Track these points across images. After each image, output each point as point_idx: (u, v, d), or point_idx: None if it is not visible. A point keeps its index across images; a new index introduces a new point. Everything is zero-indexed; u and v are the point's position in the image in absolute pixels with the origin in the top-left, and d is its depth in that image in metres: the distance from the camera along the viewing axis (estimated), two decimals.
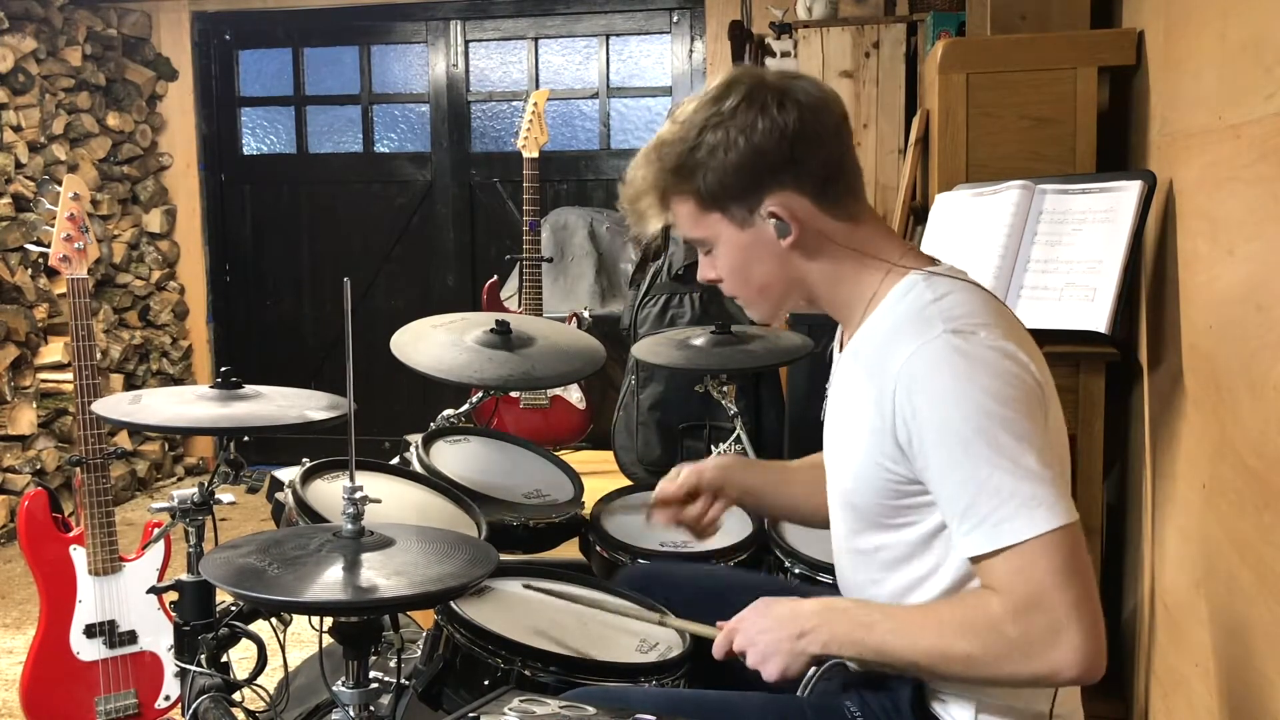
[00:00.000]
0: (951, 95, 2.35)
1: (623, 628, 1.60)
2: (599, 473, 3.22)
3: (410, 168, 5.25)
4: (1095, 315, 1.96)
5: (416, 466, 2.05)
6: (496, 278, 4.17)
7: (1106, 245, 1.99)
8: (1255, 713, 1.44)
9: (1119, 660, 2.31)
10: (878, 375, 1.24)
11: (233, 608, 1.77)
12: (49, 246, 2.58)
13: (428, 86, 5.20)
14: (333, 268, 5.34)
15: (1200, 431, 1.71)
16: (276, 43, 5.30)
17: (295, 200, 5.38)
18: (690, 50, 4.91)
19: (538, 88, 4.96)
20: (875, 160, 3.78)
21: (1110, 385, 2.07)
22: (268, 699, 1.77)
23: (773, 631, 1.30)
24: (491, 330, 2.20)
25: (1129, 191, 2.00)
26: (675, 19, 4.92)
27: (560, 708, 1.15)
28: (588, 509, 2.15)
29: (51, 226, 2.58)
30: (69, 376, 3.99)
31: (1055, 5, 2.48)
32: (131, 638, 2.54)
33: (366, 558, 1.28)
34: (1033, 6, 2.49)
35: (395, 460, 2.11)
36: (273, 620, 1.72)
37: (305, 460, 1.89)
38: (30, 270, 4.34)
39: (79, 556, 2.51)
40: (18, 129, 4.38)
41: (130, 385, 4.93)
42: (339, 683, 1.35)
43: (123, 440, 4.75)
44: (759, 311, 1.40)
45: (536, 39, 5.08)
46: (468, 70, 5.16)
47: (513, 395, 3.85)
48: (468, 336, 2.20)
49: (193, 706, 1.67)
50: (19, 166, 4.39)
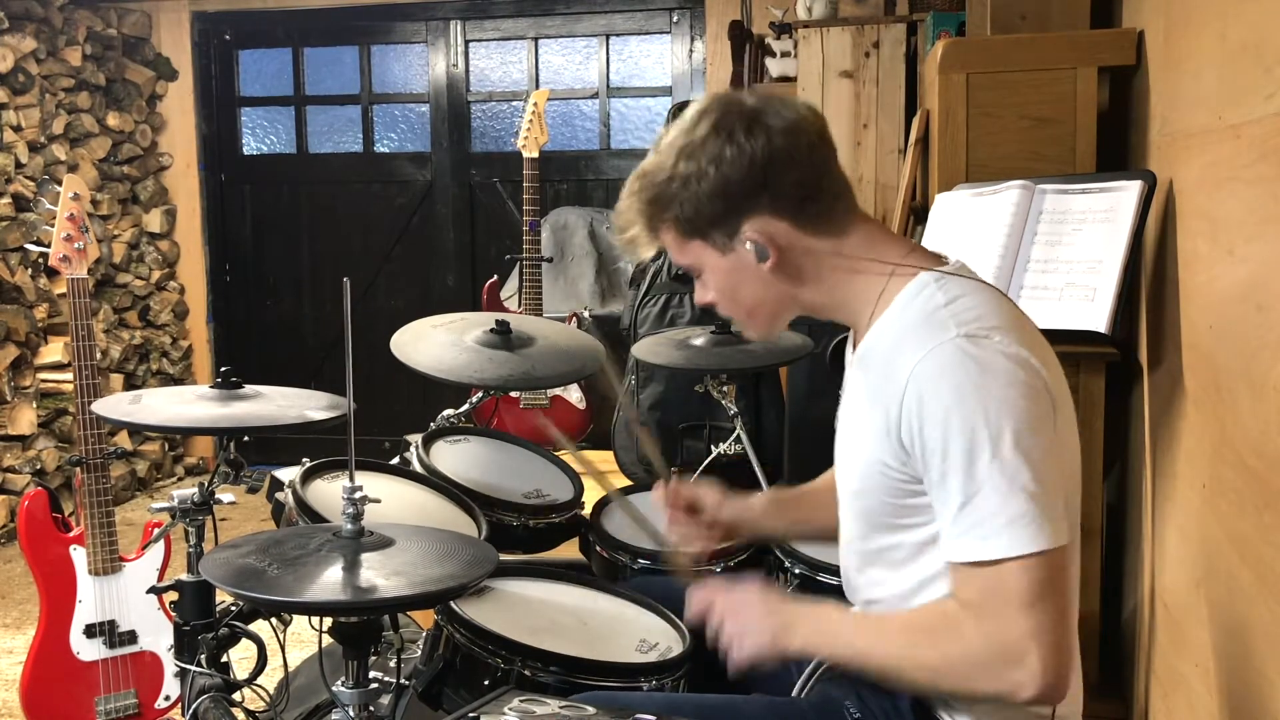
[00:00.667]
0: (951, 95, 2.35)
1: (623, 628, 1.61)
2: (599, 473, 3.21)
3: (410, 168, 5.25)
4: (1095, 315, 1.96)
5: (416, 466, 2.05)
6: (496, 278, 4.17)
7: (1106, 245, 1.99)
8: (1255, 713, 1.44)
9: (1119, 660, 2.31)
10: (888, 377, 1.23)
11: (233, 608, 1.77)
12: (49, 246, 2.58)
13: (428, 86, 5.20)
14: (333, 268, 5.34)
15: (1200, 431, 1.71)
16: (276, 43, 5.30)
17: (295, 200, 5.38)
18: (690, 50, 4.91)
19: (538, 88, 4.96)
20: (875, 160, 3.78)
21: (1110, 385, 2.07)
22: (268, 699, 1.77)
23: (758, 610, 1.32)
24: (491, 330, 2.20)
25: (1129, 191, 2.00)
26: (675, 19, 4.93)
27: (560, 708, 1.15)
28: (588, 509, 2.15)
29: (51, 226, 2.58)
30: (69, 376, 4.00)
31: (1055, 5, 2.48)
32: (131, 638, 2.54)
33: (366, 558, 1.28)
34: (1033, 6, 2.49)
35: (395, 460, 2.11)
36: (273, 620, 1.72)
37: (305, 460, 1.89)
38: (30, 270, 4.34)
39: (79, 556, 2.51)
40: (18, 129, 4.39)
41: (130, 385, 4.93)
42: (339, 683, 1.35)
43: (123, 440, 4.75)
44: (753, 331, 1.41)
45: (536, 39, 5.08)
46: (468, 70, 5.16)
47: (513, 395, 3.85)
48: (468, 336, 2.20)
49: (193, 706, 1.67)
50: (19, 166, 4.39)
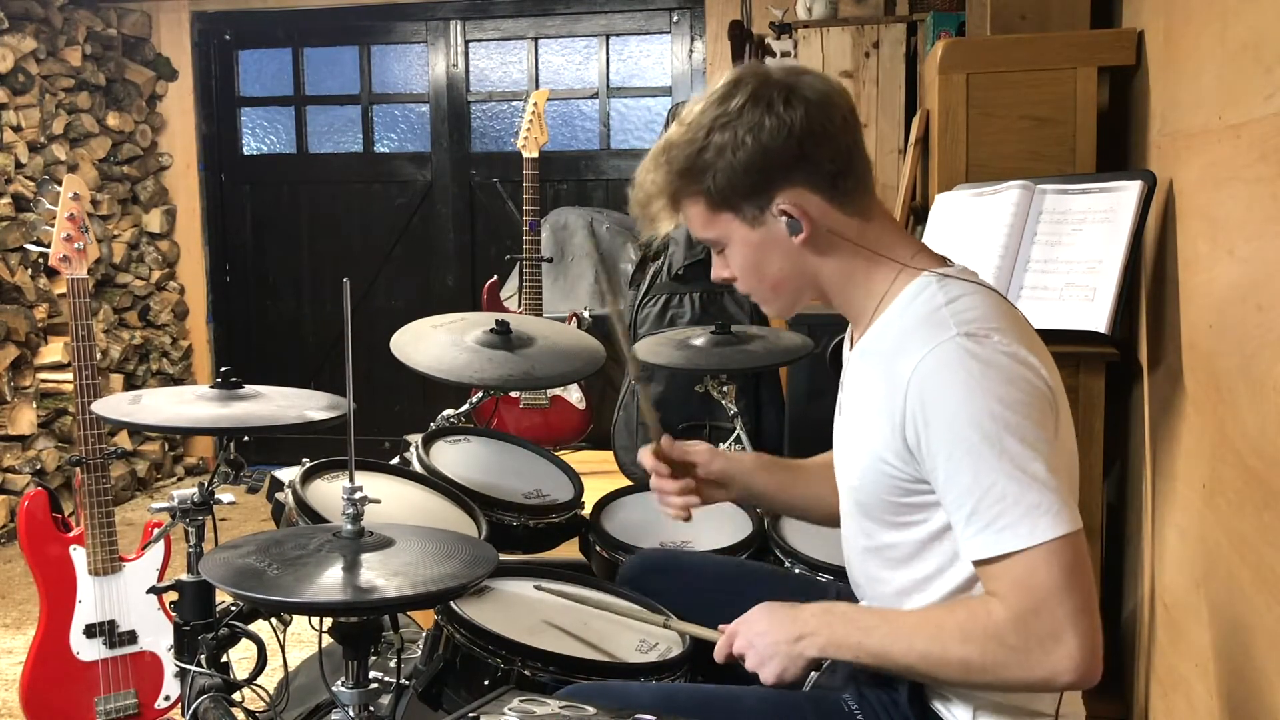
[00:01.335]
0: (951, 95, 2.35)
1: (623, 628, 1.60)
2: (599, 473, 3.22)
3: (410, 168, 5.25)
4: (1095, 315, 1.96)
5: (416, 466, 2.05)
6: (496, 278, 4.17)
7: (1106, 245, 1.99)
8: (1255, 712, 1.44)
9: (1119, 660, 2.31)
10: (888, 375, 1.24)
11: (233, 608, 1.77)
12: (49, 246, 2.58)
13: (428, 86, 5.20)
14: (333, 268, 5.34)
15: (1200, 431, 1.71)
16: (276, 43, 5.30)
17: (295, 200, 5.38)
18: (690, 50, 4.91)
19: (538, 88, 4.96)
20: (875, 160, 3.76)
21: (1110, 385, 2.06)
22: (268, 699, 1.77)
23: (771, 634, 1.31)
24: (491, 330, 2.20)
25: (1129, 191, 2.00)
26: (675, 19, 4.92)
27: (560, 708, 1.15)
28: (588, 509, 2.15)
29: (51, 226, 2.58)
30: (69, 376, 4.00)
31: (1055, 5, 2.48)
32: (131, 638, 2.54)
33: (366, 558, 1.28)
34: (1033, 6, 2.49)
35: (395, 460, 2.11)
36: (273, 620, 1.72)
37: (305, 460, 1.89)
38: (30, 270, 4.34)
39: (79, 556, 2.51)
40: (18, 129, 4.39)
41: (130, 385, 4.93)
42: (339, 683, 1.35)
43: (123, 440, 4.75)
44: (773, 308, 1.40)
45: (536, 39, 5.08)
46: (468, 70, 5.16)
47: (513, 395, 3.85)
48: (468, 336, 2.20)
49: (193, 706, 1.67)
50: (19, 166, 4.39)
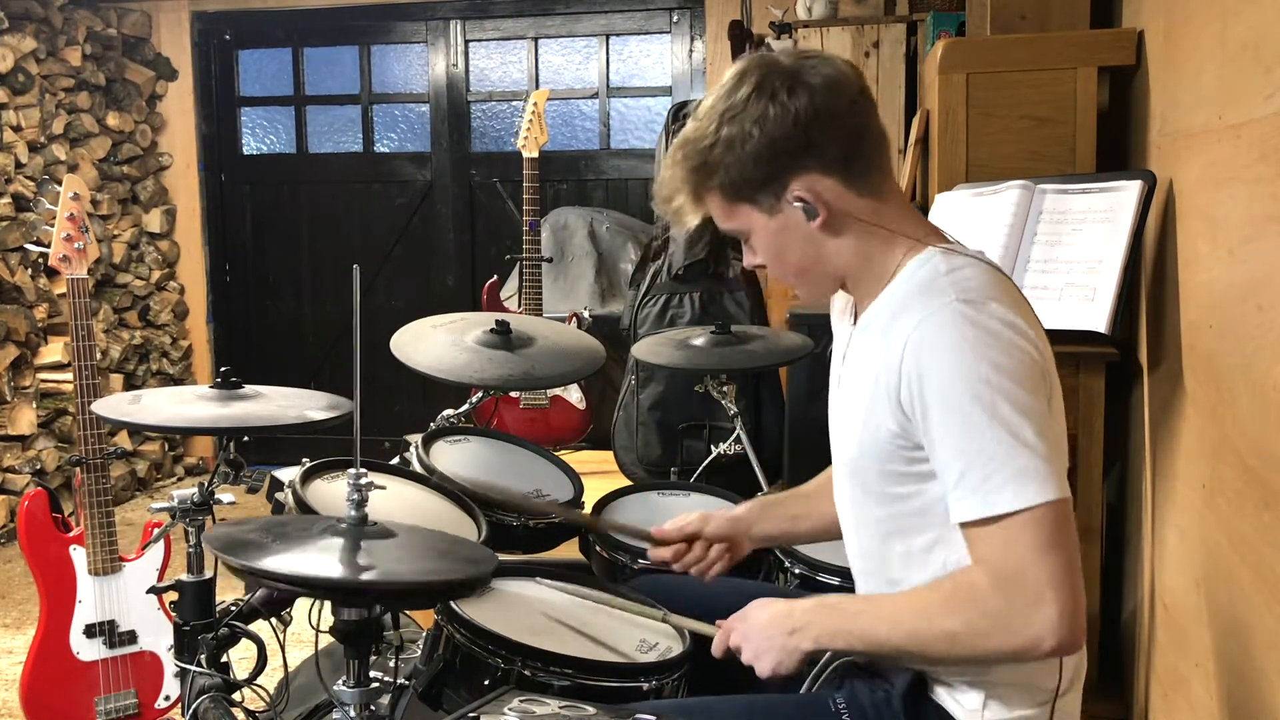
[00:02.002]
0: (951, 95, 2.35)
1: (623, 628, 1.60)
2: (599, 473, 3.22)
3: (410, 168, 5.25)
4: (1095, 315, 1.96)
5: (416, 466, 2.05)
6: (496, 278, 4.17)
7: (1106, 245, 1.99)
8: (1255, 713, 1.44)
9: (1119, 660, 2.31)
10: (887, 341, 1.25)
11: (233, 607, 1.77)
12: (49, 246, 2.58)
13: (428, 86, 5.20)
14: (333, 268, 5.34)
15: (1200, 431, 1.71)
16: (276, 43, 5.30)
17: (295, 200, 5.38)
18: (690, 50, 4.91)
19: (538, 88, 4.96)
20: None
21: (1110, 385, 2.07)
22: (268, 699, 1.77)
23: (766, 628, 1.32)
24: (491, 330, 2.20)
25: (1129, 191, 2.00)
26: (675, 19, 4.93)
27: (560, 708, 1.15)
28: (588, 509, 2.15)
29: (51, 226, 2.58)
30: (69, 376, 3.99)
31: (1055, 5, 2.48)
32: (131, 638, 2.54)
33: (367, 545, 1.28)
34: (1033, 6, 2.49)
35: (395, 460, 2.11)
36: (273, 620, 1.72)
37: (305, 460, 1.89)
38: (30, 270, 4.34)
39: (79, 556, 2.51)
40: (18, 129, 4.39)
41: (130, 385, 4.93)
42: (339, 682, 1.35)
43: (123, 440, 4.75)
44: (804, 292, 1.41)
45: (536, 39, 5.08)
46: (468, 70, 5.16)
47: (513, 395, 3.85)
48: (468, 336, 2.20)
49: (193, 706, 1.67)
50: (19, 166, 4.39)
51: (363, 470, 1.33)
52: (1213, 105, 1.67)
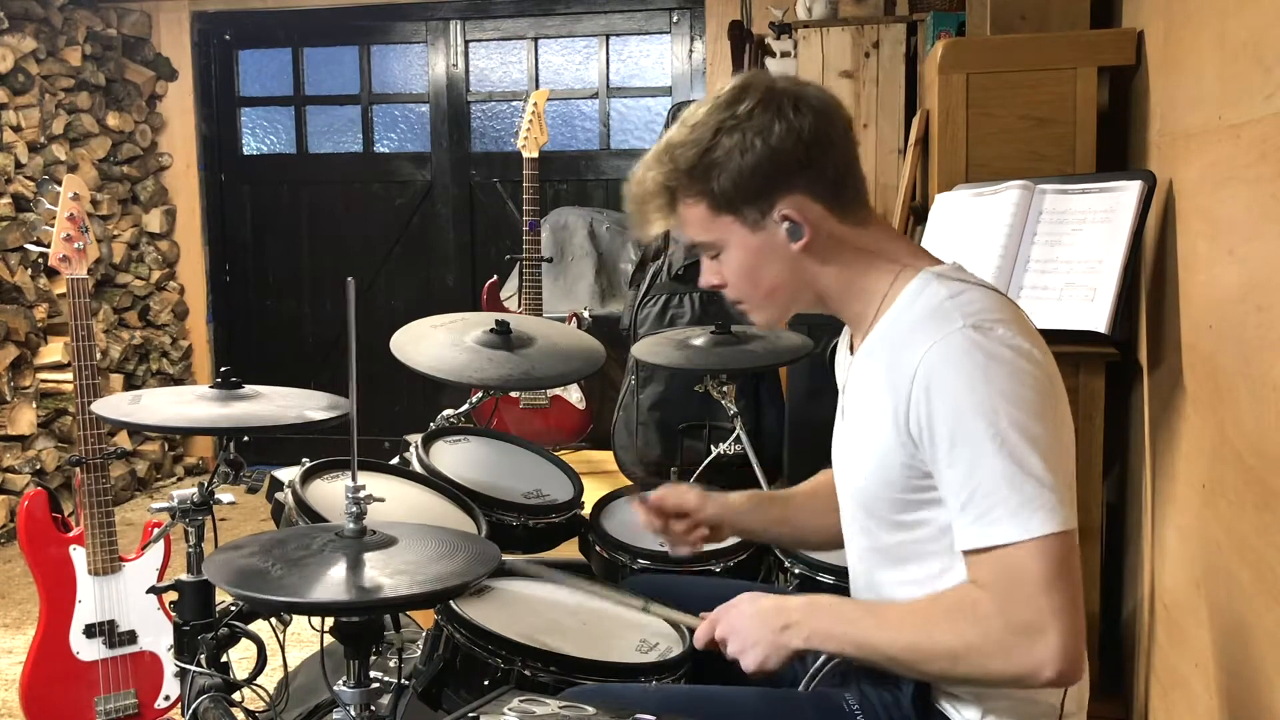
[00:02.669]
0: (951, 95, 2.35)
1: (623, 628, 1.60)
2: (599, 473, 3.22)
3: (410, 168, 5.25)
4: (1095, 315, 1.96)
5: (416, 466, 2.05)
6: (496, 278, 4.17)
7: (1106, 245, 1.99)
8: (1255, 713, 1.44)
9: (1119, 660, 2.31)
10: (894, 370, 1.24)
11: (232, 608, 1.77)
12: (49, 246, 2.58)
13: (427, 86, 5.20)
14: (333, 268, 5.34)
15: (1200, 431, 1.71)
16: (276, 43, 5.30)
17: (295, 200, 5.38)
18: (690, 50, 4.91)
19: (538, 88, 4.96)
20: (875, 160, 3.78)
21: (1110, 385, 2.07)
22: (268, 699, 1.77)
23: (756, 622, 1.31)
24: (491, 330, 2.20)
25: (1129, 191, 2.00)
26: (675, 19, 4.92)
27: (560, 708, 1.15)
28: (588, 509, 2.15)
29: (51, 226, 2.58)
30: (69, 376, 4.00)
31: (1055, 5, 2.48)
32: (131, 638, 2.54)
33: (369, 557, 1.28)
34: (1033, 6, 2.49)
35: (395, 460, 2.11)
36: (272, 620, 1.72)
37: (305, 460, 1.89)
38: (30, 270, 4.34)
39: (79, 556, 2.51)
40: (18, 129, 4.38)
41: (130, 385, 4.93)
42: (340, 682, 1.35)
43: (123, 440, 4.74)
44: (764, 315, 1.39)
45: (536, 39, 5.08)
46: (468, 70, 5.16)
47: (513, 395, 3.85)
48: (468, 336, 2.20)
49: (193, 706, 1.67)
50: (19, 166, 4.39)
51: (361, 484, 1.33)
52: (1212, 105, 1.67)
